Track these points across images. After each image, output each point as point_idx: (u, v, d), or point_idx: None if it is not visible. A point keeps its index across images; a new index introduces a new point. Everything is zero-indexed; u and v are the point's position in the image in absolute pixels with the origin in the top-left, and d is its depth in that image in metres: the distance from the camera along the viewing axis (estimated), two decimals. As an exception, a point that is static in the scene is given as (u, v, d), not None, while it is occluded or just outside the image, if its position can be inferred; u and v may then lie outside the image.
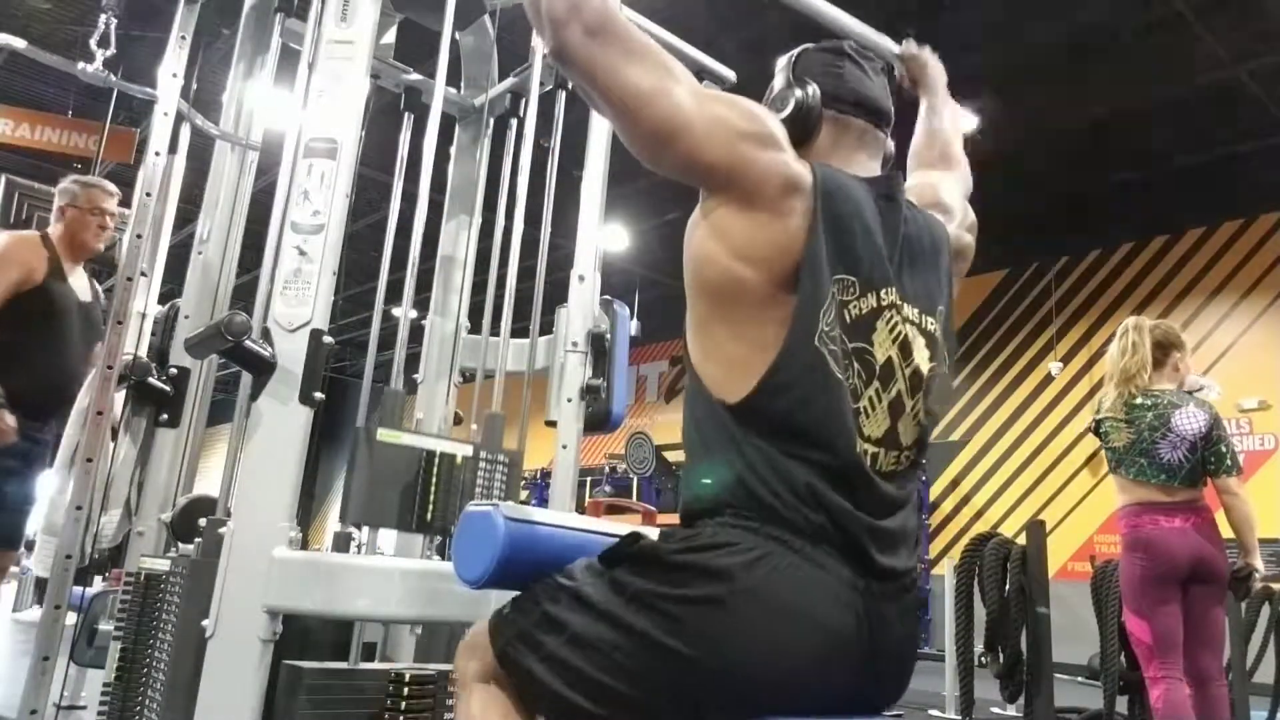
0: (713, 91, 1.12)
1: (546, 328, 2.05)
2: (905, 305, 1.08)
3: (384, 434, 1.65)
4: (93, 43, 1.89)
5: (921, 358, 1.08)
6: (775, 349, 1.00)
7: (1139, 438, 2.86)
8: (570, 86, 2.17)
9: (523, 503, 1.94)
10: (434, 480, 1.69)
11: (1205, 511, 2.84)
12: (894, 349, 1.06)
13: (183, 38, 2.09)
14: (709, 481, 1.03)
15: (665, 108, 1.03)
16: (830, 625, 0.95)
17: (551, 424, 1.99)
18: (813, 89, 1.17)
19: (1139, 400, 2.89)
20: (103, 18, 1.91)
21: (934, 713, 4.93)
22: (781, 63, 1.23)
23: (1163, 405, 2.86)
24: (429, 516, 1.68)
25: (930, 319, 1.12)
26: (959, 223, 1.31)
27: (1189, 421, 2.83)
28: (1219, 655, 2.89)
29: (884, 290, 1.06)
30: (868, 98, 1.20)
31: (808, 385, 1.00)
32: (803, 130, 1.16)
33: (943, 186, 1.36)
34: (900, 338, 1.06)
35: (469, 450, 1.76)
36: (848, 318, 1.02)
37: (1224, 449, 2.83)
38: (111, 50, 1.89)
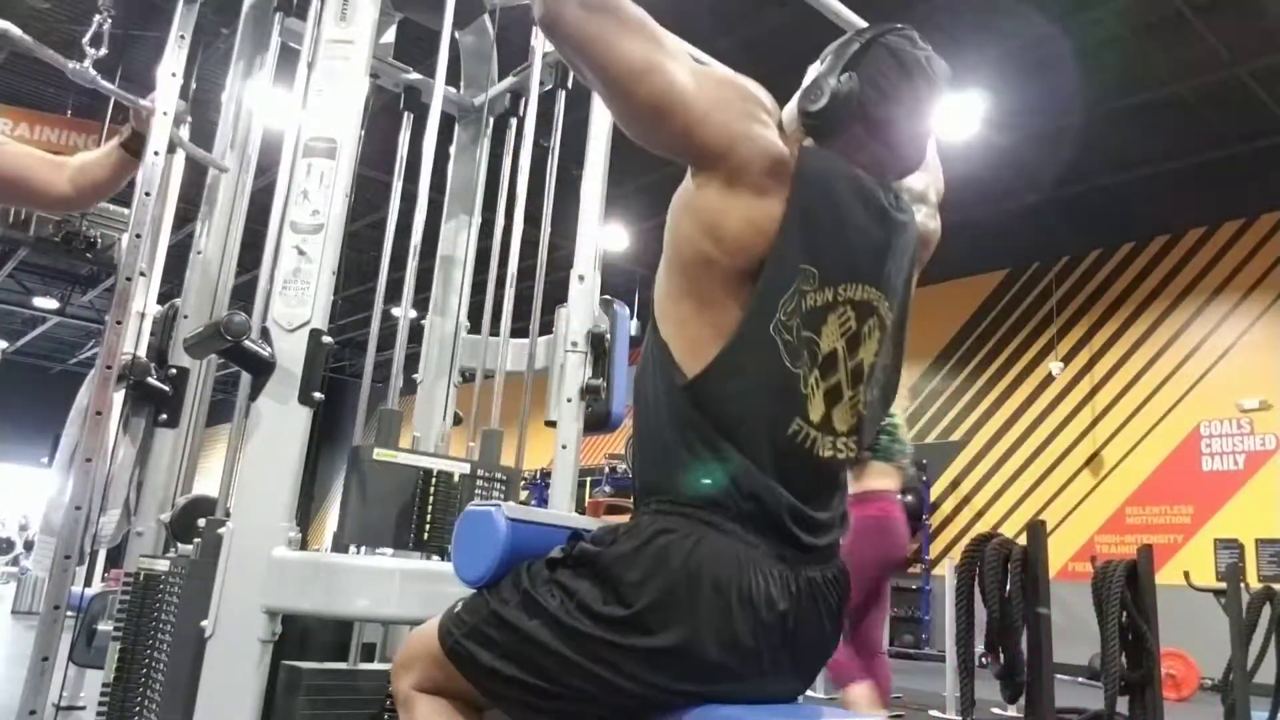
0: (707, 68, 1.08)
1: (546, 328, 2.05)
2: (868, 299, 1.09)
3: (380, 454, 1.65)
4: (85, 42, 1.87)
5: (868, 352, 1.11)
6: (732, 332, 1.02)
7: None
8: (570, 85, 2.17)
9: (523, 503, 1.93)
10: (431, 499, 1.69)
11: None
12: (840, 342, 1.07)
13: (181, 37, 2.08)
14: (653, 463, 1.08)
15: (660, 83, 1.01)
16: (760, 598, 0.99)
17: (551, 424, 1.99)
18: (851, 91, 1.08)
19: None
20: (97, 18, 1.90)
21: (934, 713, 4.92)
22: (844, 41, 1.14)
23: None
24: (426, 535, 1.69)
25: (891, 311, 1.13)
26: (927, 213, 1.32)
27: None
28: None
29: (842, 286, 1.06)
30: (899, 132, 1.12)
31: (758, 369, 1.02)
32: (817, 130, 1.11)
33: (918, 180, 1.35)
34: (849, 332, 1.08)
35: (466, 468, 1.77)
36: (804, 308, 1.04)
37: None
38: (104, 50, 1.88)
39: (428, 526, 1.68)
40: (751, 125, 1.03)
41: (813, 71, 1.14)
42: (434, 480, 1.70)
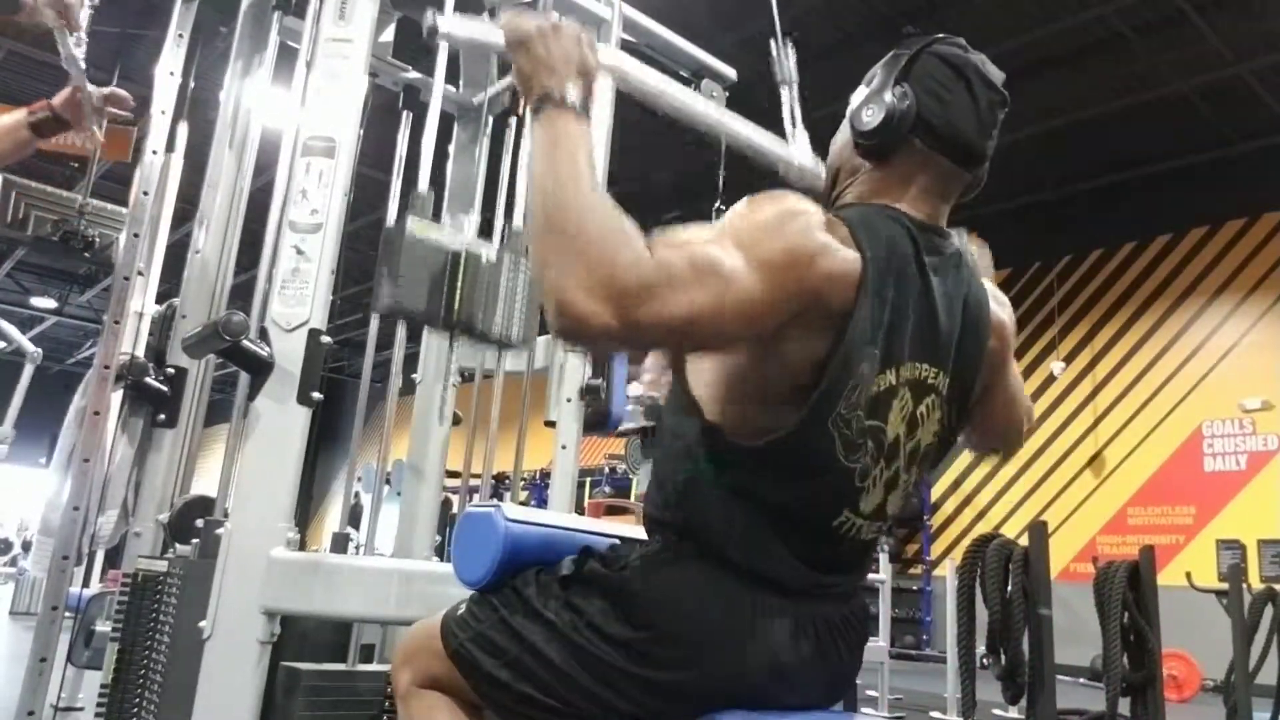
0: (750, 225, 0.92)
1: (546, 327, 2.04)
2: (930, 377, 1.02)
3: (415, 226, 1.62)
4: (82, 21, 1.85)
5: (927, 432, 1.04)
6: (790, 424, 0.95)
7: None
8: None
9: (522, 503, 1.93)
10: (461, 276, 1.67)
11: None
12: (902, 426, 1.01)
13: (180, 36, 2.08)
14: (675, 503, 1.03)
15: (734, 311, 0.88)
16: (775, 640, 0.97)
17: (551, 424, 1.98)
18: (909, 105, 1.03)
19: None
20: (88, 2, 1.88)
21: (935, 714, 4.91)
22: (891, 56, 1.08)
23: None
24: (455, 312, 1.66)
25: (949, 383, 1.05)
26: (996, 306, 1.19)
27: None
28: None
29: (903, 366, 0.99)
30: (965, 140, 1.06)
31: (810, 465, 0.97)
32: (876, 150, 1.05)
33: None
34: (909, 415, 1.01)
35: (494, 254, 1.74)
36: (867, 396, 0.96)
37: None
38: (84, 34, 1.85)
39: (458, 304, 1.66)
40: (817, 267, 0.91)
41: (860, 93, 1.08)
42: (464, 259, 1.68)
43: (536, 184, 0.92)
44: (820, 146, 1.20)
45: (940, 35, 1.10)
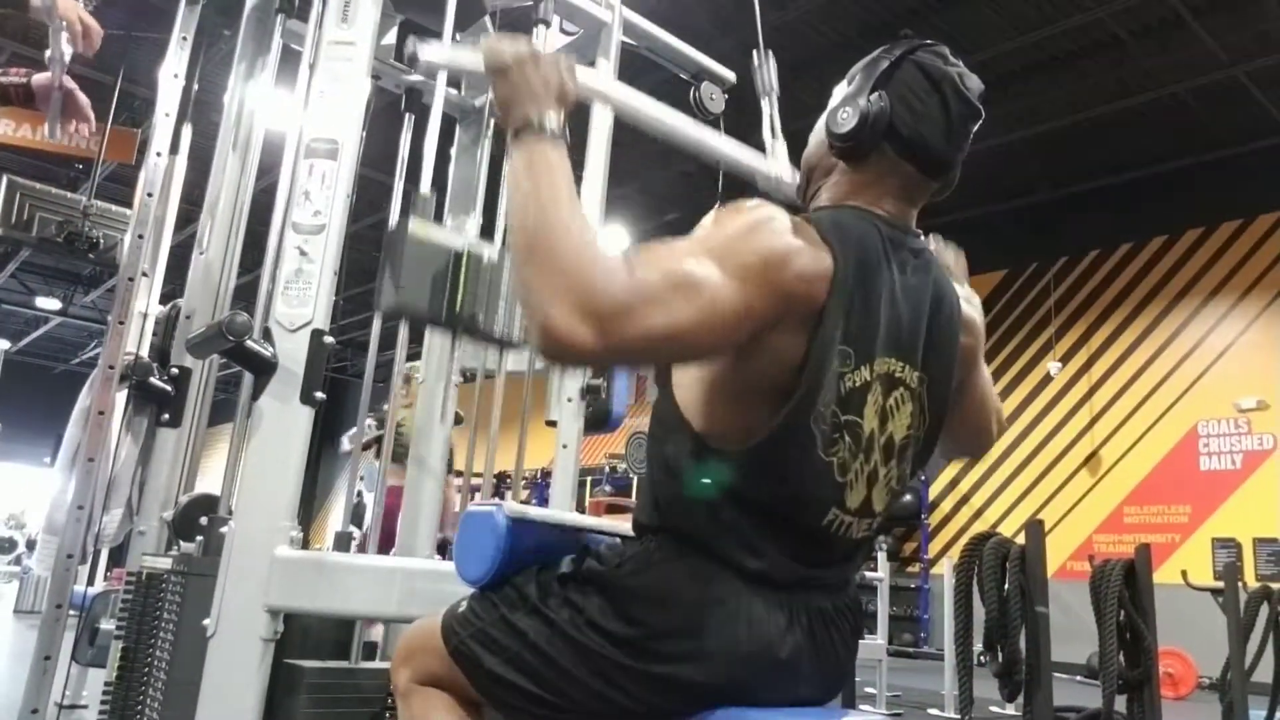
0: (723, 236, 0.95)
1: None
2: (898, 371, 1.04)
3: (417, 227, 1.64)
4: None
5: (899, 425, 1.06)
6: (771, 425, 0.97)
7: None
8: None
9: (523, 502, 1.94)
10: (464, 275, 1.69)
11: None
12: (875, 420, 1.03)
13: (184, 38, 2.10)
14: (666, 507, 1.04)
15: (714, 322, 0.90)
16: (770, 630, 0.98)
17: (552, 424, 2.00)
18: (883, 112, 1.05)
19: None
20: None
21: (933, 711, 4.93)
22: (872, 59, 1.10)
23: None
24: (458, 311, 1.68)
25: (924, 382, 1.08)
26: (965, 295, 1.23)
27: None
28: None
29: (877, 361, 1.02)
30: (932, 152, 1.08)
31: (792, 464, 0.98)
32: (848, 153, 1.09)
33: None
34: (880, 409, 1.03)
35: (496, 254, 1.76)
36: (842, 390, 0.99)
37: None
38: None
39: (460, 302, 1.68)
40: (791, 268, 0.95)
41: (839, 92, 1.11)
42: (466, 259, 1.70)
43: (515, 211, 0.93)
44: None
45: (927, 41, 1.12)
